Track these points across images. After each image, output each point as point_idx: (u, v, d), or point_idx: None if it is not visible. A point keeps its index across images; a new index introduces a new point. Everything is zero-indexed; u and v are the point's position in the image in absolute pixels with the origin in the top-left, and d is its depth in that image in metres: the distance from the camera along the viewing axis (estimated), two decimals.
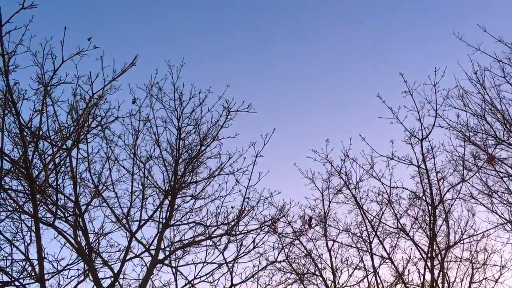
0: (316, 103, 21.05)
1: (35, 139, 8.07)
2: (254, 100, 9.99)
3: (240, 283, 9.65)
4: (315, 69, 21.54)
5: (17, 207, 8.42)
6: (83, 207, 9.06)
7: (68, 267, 8.75)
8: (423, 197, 11.76)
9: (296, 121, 20.43)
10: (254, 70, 21.23)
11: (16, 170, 8.19)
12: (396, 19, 20.90)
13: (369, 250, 11.68)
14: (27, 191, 8.36)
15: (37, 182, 8.25)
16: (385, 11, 20.89)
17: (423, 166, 11.66)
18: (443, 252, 11.50)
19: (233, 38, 21.35)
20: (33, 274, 8.36)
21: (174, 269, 9.70)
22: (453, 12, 19.41)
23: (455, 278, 11.70)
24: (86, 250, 8.64)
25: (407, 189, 11.96)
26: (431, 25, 20.62)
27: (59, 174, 8.64)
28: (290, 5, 21.31)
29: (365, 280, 11.47)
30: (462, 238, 11.82)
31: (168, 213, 9.60)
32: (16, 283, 8.18)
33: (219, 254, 9.75)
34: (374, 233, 11.76)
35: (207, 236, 9.73)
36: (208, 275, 9.66)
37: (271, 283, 10.30)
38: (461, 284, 11.66)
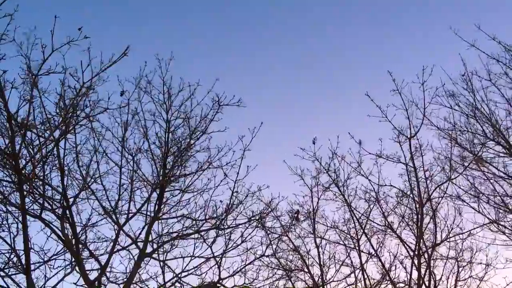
0: (305, 101, 21.19)
1: (23, 129, 8.02)
2: (243, 96, 9.97)
3: (228, 277, 9.66)
4: (305, 67, 21.69)
5: (2, 197, 8.34)
6: (71, 200, 9.02)
7: (54, 257, 8.72)
8: (411, 195, 11.87)
9: (285, 118, 20.54)
10: (244, 67, 21.34)
11: (4, 160, 8.13)
12: (388, 18, 21.10)
13: (357, 247, 11.73)
14: (14, 181, 8.30)
15: (24, 173, 8.20)
16: (377, 10, 21.10)
17: (411, 164, 11.78)
18: (429, 250, 11.59)
19: (223, 35, 21.42)
20: (18, 264, 8.30)
21: (161, 263, 9.66)
22: (446, 12, 19.64)
23: (441, 275, 11.80)
24: (73, 242, 8.59)
25: (395, 186, 12.07)
26: (422, 25, 20.85)
27: (46, 165, 8.61)
28: (280, 1, 21.43)
29: (352, 276, 11.52)
30: (448, 236, 11.92)
31: (156, 206, 9.58)
32: (1, 273, 8.13)
33: (207, 248, 9.77)
34: (361, 230, 11.82)
35: (195, 229, 9.73)
36: (195, 269, 9.67)
37: (258, 277, 10.29)
38: (447, 281, 11.76)
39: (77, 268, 8.75)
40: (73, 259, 8.83)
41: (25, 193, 8.22)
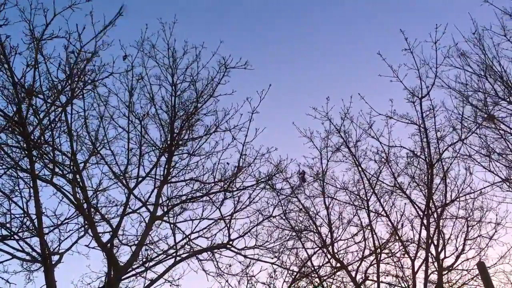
0: (315, 61, 20.82)
1: (29, 95, 8.02)
2: (251, 57, 9.84)
3: (238, 238, 9.78)
4: (315, 27, 21.19)
5: (13, 163, 8.44)
6: (81, 165, 9.10)
7: (67, 221, 8.88)
8: (421, 156, 11.76)
9: (295, 80, 20.23)
10: (251, 27, 20.91)
11: (11, 126, 8.17)
12: None
13: (366, 208, 11.76)
14: (23, 147, 8.37)
15: (33, 138, 8.26)
16: None
17: (422, 125, 11.61)
18: (439, 210, 11.58)
19: None
20: (32, 228, 8.47)
21: (172, 225, 9.81)
22: None
23: (450, 235, 11.84)
24: (85, 205, 8.71)
25: (405, 147, 11.97)
26: None
27: (54, 131, 8.65)
28: None
29: (360, 234, 11.57)
30: (458, 196, 11.87)
31: (165, 170, 9.63)
32: (16, 236, 8.30)
33: (216, 210, 9.83)
34: (371, 191, 11.82)
35: (204, 192, 9.80)
36: (205, 230, 9.79)
37: (269, 239, 10.41)
38: (456, 241, 11.80)
39: (89, 231, 8.91)
40: (85, 223, 8.98)
41: (34, 158, 8.32)
